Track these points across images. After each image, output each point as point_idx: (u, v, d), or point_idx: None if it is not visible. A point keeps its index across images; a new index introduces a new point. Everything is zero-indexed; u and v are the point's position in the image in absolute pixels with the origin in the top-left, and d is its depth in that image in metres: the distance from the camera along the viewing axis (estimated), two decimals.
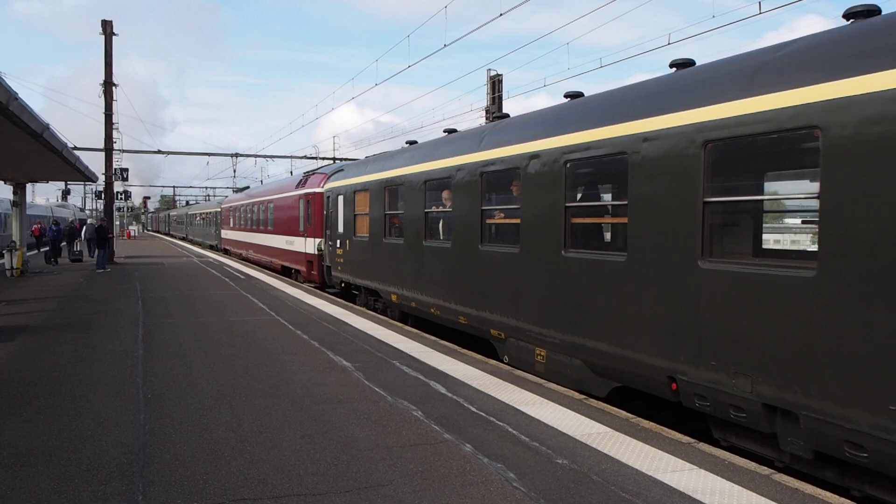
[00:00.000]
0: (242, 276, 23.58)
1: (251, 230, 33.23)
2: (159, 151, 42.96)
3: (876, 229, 4.90)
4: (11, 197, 27.72)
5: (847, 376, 5.03)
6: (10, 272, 23.23)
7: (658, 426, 6.69)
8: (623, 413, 7.09)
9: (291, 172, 44.81)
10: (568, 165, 8.32)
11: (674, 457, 5.73)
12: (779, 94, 5.67)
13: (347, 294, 18.10)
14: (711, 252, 6.36)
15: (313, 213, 21.86)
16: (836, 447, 5.14)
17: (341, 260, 17.69)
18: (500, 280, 9.85)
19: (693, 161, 6.38)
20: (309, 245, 22.19)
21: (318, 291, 19.08)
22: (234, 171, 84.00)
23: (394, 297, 14.05)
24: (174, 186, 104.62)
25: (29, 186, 29.35)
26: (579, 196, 8.79)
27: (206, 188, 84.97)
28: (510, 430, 6.41)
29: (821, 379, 5.21)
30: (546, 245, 8.71)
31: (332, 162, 38.05)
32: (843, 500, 4.97)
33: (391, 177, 14.08)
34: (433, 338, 11.56)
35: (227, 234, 41.70)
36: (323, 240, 20.31)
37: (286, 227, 25.37)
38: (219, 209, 46.62)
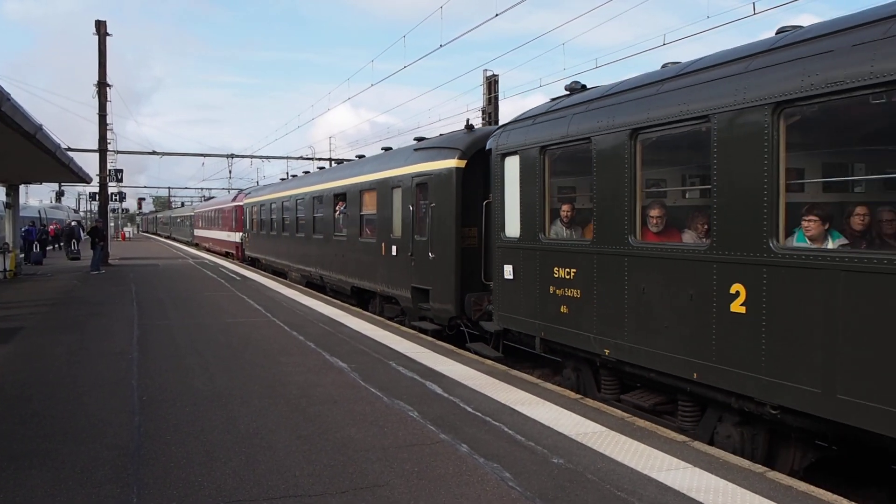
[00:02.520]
0: (238, 278, 23.55)
1: (211, 228, 47.06)
2: (154, 152, 42.90)
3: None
4: (4, 198, 27.62)
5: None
6: (4, 274, 23.15)
7: (653, 425, 6.71)
8: (618, 412, 7.11)
9: (287, 173, 45.45)
10: (313, 199, 20.17)
11: (668, 455, 5.75)
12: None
13: (252, 264, 30.92)
14: (337, 231, 18.36)
15: (239, 218, 35.82)
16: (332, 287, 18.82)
17: (248, 244, 32.68)
18: (287, 248, 23.58)
19: (335, 200, 18.19)
20: (237, 237, 36.23)
21: (313, 292, 19.20)
22: (230, 171, 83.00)
23: (263, 261, 28.57)
24: (169, 188, 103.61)
25: (22, 188, 29.25)
26: (320, 212, 19.77)
27: (202, 189, 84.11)
28: (506, 429, 6.42)
29: (329, 269, 18.81)
30: (304, 232, 21.65)
31: (328, 163, 39.19)
32: (836, 496, 4.99)
33: (258, 200, 29.40)
34: (430, 338, 11.58)
35: (197, 232, 55.72)
36: (243, 233, 34.65)
37: (227, 226, 39.64)
38: (192, 213, 61.90)
